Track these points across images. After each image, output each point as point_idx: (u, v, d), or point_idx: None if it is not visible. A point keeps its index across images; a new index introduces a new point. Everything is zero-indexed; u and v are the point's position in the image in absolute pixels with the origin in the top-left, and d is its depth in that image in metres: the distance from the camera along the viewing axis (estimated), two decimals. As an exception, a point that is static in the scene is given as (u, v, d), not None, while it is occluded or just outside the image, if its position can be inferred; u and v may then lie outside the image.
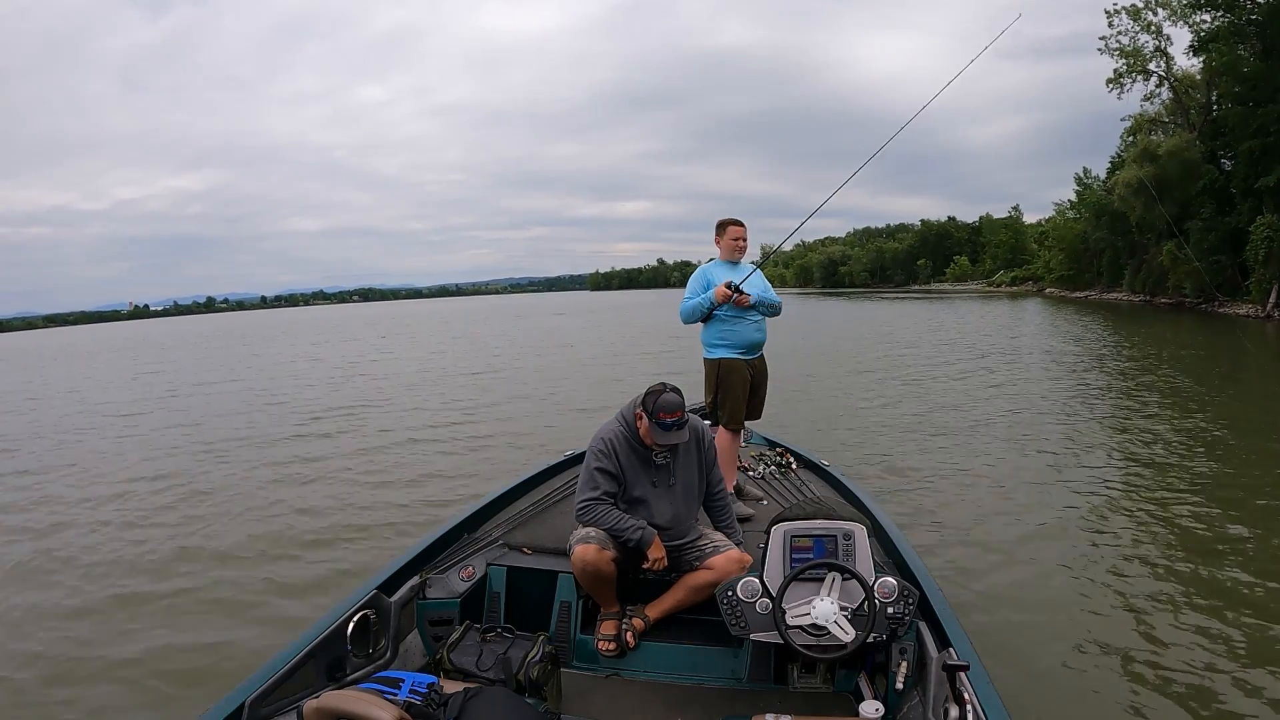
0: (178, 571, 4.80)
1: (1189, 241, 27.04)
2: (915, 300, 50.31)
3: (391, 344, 28.71)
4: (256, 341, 36.66)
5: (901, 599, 2.18)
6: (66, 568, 5.01)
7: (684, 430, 2.61)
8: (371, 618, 2.31)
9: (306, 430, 10.03)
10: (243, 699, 1.82)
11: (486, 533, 3.02)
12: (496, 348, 23.94)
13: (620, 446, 2.65)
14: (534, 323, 40.50)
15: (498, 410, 11.01)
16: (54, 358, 35.26)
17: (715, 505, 2.86)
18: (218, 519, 5.94)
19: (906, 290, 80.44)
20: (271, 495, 6.62)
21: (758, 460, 4.14)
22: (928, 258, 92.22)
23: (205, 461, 8.27)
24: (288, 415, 11.46)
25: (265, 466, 7.86)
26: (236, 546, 5.23)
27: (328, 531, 5.46)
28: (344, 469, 7.53)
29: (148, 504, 6.54)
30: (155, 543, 5.42)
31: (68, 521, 6.11)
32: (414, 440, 8.90)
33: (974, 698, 1.71)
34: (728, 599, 2.27)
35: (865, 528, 2.31)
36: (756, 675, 2.45)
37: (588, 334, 28.82)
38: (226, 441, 9.42)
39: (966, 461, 6.76)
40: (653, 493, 2.68)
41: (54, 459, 9.00)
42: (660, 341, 21.43)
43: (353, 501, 6.25)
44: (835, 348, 18.73)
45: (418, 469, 7.39)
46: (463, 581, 2.68)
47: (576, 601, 2.67)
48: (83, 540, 5.58)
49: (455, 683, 2.06)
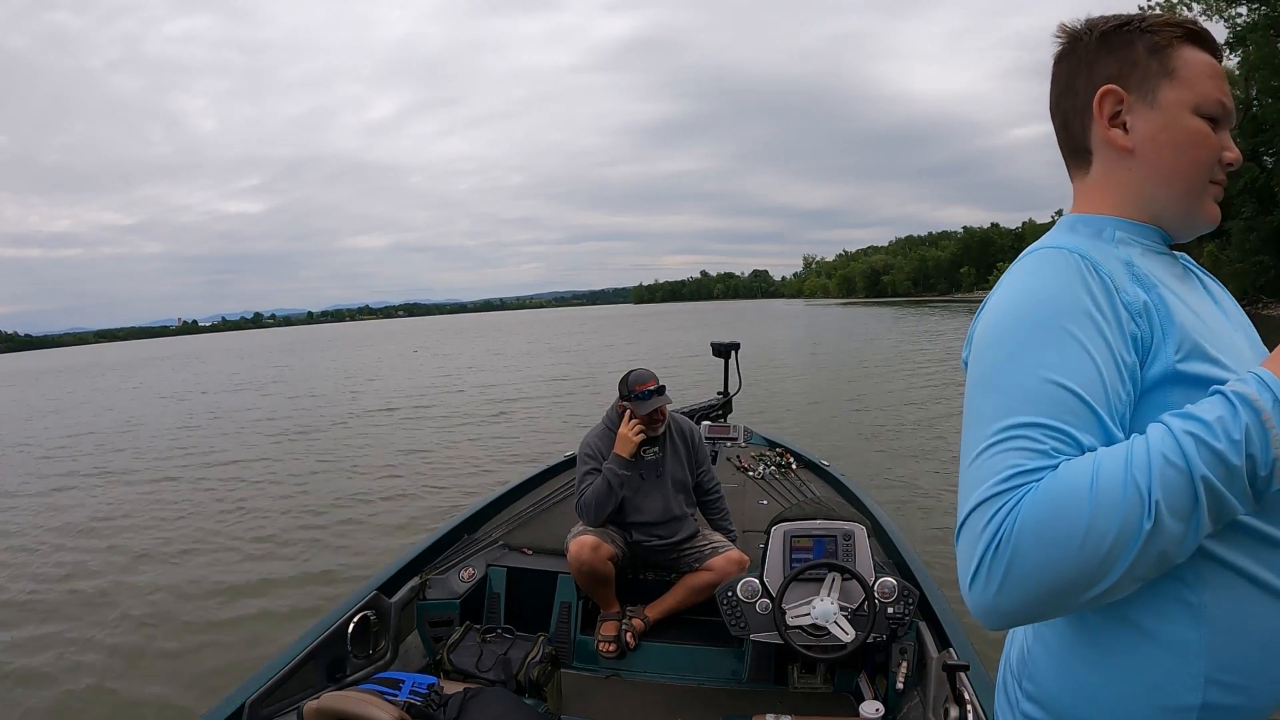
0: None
1: (1231, 242, 26.61)
2: (960, 314, 46.06)
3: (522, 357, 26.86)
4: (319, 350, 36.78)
5: (901, 599, 2.18)
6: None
7: (664, 395, 2.69)
8: (371, 618, 2.31)
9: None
10: (243, 700, 1.81)
11: (486, 533, 3.02)
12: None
13: (606, 447, 2.70)
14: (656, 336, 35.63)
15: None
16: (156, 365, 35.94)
17: (709, 502, 2.88)
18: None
19: (950, 298, 79.87)
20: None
21: (758, 460, 4.14)
22: (971, 265, 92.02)
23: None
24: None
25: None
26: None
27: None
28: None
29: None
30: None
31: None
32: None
33: (974, 698, 1.71)
34: (727, 599, 2.27)
35: (865, 528, 2.30)
36: (756, 675, 2.45)
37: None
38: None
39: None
40: (642, 486, 2.72)
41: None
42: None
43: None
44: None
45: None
46: (463, 582, 2.68)
47: (576, 602, 2.67)
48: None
49: (455, 683, 2.06)
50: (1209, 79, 0.76)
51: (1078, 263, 0.70)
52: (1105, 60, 0.78)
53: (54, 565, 5.32)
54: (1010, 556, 0.61)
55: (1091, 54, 0.79)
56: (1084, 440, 0.64)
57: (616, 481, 2.63)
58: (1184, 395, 0.67)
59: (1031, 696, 0.77)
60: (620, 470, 2.64)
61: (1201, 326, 0.72)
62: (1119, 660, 0.70)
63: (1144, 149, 0.77)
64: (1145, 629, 0.69)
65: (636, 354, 22.34)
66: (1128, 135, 0.77)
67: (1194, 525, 0.60)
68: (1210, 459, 0.59)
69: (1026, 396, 0.66)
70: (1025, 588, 0.61)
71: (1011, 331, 0.70)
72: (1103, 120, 0.78)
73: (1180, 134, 0.76)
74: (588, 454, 2.73)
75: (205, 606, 4.33)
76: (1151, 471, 0.59)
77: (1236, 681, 0.68)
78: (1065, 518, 0.60)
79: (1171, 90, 0.75)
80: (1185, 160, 0.76)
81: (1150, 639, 0.69)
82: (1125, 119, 0.77)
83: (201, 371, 28.16)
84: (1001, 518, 0.62)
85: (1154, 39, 0.76)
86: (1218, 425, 0.60)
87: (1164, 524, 0.59)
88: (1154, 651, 0.69)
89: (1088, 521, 0.59)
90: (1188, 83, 0.75)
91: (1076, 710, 0.73)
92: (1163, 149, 0.76)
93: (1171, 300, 0.72)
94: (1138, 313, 0.70)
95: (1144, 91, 0.76)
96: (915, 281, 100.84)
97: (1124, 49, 0.77)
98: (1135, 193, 0.79)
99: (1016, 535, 0.61)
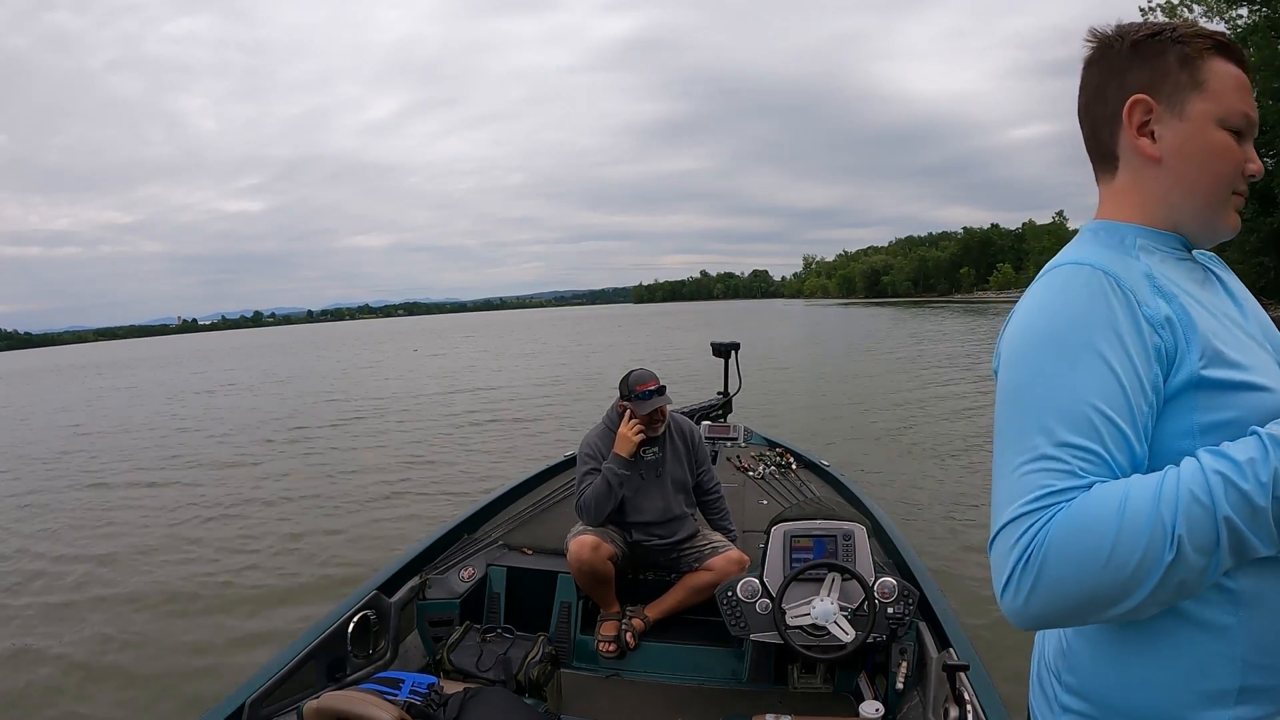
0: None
1: (1231, 243, 26.69)
2: (958, 315, 46.38)
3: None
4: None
5: (901, 599, 2.18)
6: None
7: (665, 395, 2.70)
8: (371, 618, 2.31)
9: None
10: (243, 699, 1.81)
11: (486, 533, 3.02)
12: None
13: (606, 446, 2.70)
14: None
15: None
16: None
17: (708, 502, 2.88)
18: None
19: (950, 299, 79.85)
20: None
21: (758, 460, 4.14)
22: (970, 266, 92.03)
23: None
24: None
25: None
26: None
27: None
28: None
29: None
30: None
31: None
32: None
33: (974, 698, 1.71)
34: (727, 599, 2.27)
35: (865, 528, 2.31)
36: (756, 675, 2.45)
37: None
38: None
39: (969, 461, 6.77)
40: (642, 485, 2.72)
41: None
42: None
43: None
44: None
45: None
46: (463, 582, 2.68)
47: (576, 602, 2.67)
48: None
49: (455, 683, 2.06)
50: (1236, 92, 0.77)
51: (1101, 280, 0.73)
52: (1137, 69, 0.79)
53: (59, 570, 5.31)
54: (1038, 572, 0.65)
55: (1123, 62, 0.80)
56: (1110, 458, 0.68)
57: (616, 481, 2.63)
58: (1207, 399, 0.71)
59: (1072, 689, 0.80)
60: (620, 470, 2.64)
61: (1222, 331, 0.74)
62: (1162, 646, 0.73)
63: (1171, 159, 0.79)
64: (1186, 614, 0.72)
65: (637, 354, 22.33)
66: (1155, 145, 0.79)
67: (1214, 561, 0.63)
68: (1236, 500, 0.62)
69: (1055, 415, 0.69)
70: (1051, 601, 0.66)
71: (1037, 349, 0.73)
72: (1132, 129, 0.80)
73: (1206, 146, 0.77)
74: (588, 454, 2.73)
75: (204, 608, 4.33)
76: (1178, 506, 0.62)
77: (1272, 663, 0.71)
78: (1092, 541, 0.64)
79: (1200, 102, 0.77)
80: (1210, 172, 0.78)
81: (1191, 624, 0.72)
82: (1153, 128, 0.79)
83: (202, 370, 28.14)
84: (1032, 535, 0.66)
85: (1185, 50, 0.78)
86: (1248, 467, 0.62)
87: (1185, 557, 0.62)
88: (1194, 635, 0.72)
89: (1111, 547, 0.63)
90: (1215, 95, 0.77)
91: (1119, 698, 0.76)
92: (1189, 160, 0.78)
93: (1193, 308, 0.74)
94: (1160, 325, 0.72)
95: (1173, 103, 0.78)
96: (915, 282, 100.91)
97: (1155, 59, 0.78)
98: (1160, 201, 0.81)
99: (1045, 553, 0.65)
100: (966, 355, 17.23)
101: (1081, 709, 0.78)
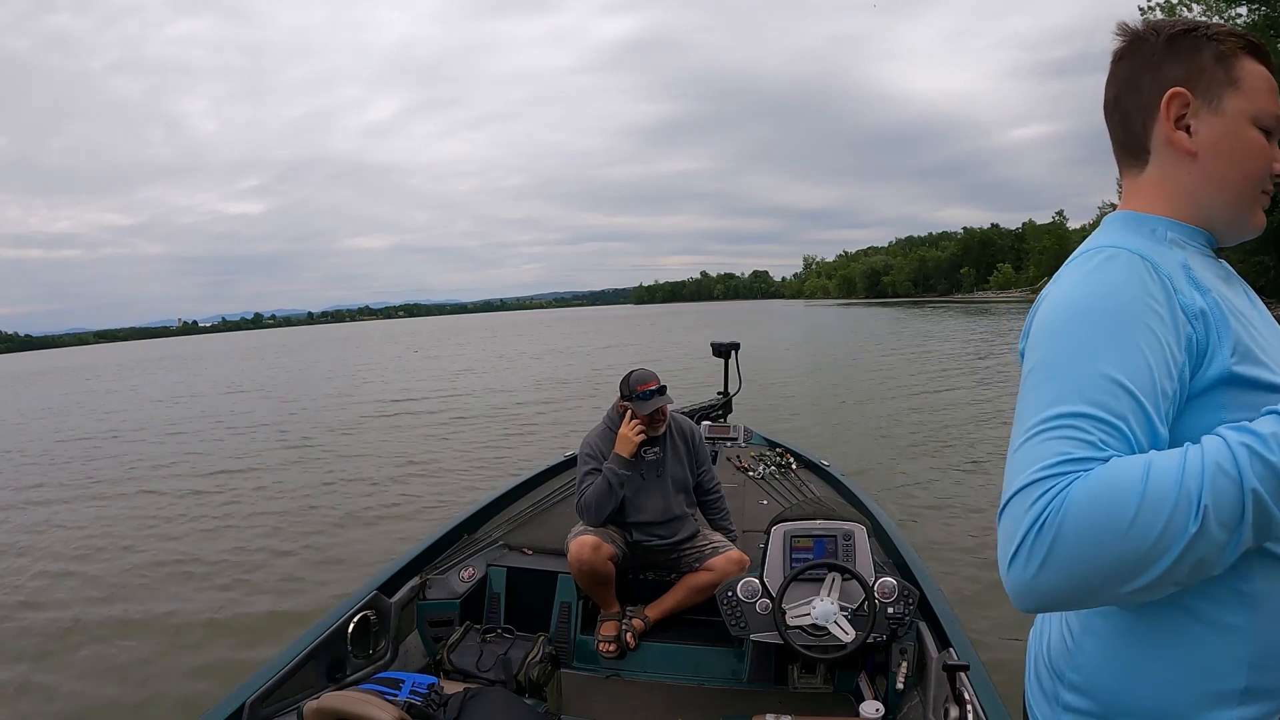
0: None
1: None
2: (958, 315, 45.25)
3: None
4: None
5: (901, 599, 2.18)
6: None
7: (665, 395, 2.69)
8: (371, 618, 2.31)
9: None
10: (243, 699, 1.81)
11: (486, 533, 3.02)
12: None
13: (607, 446, 2.70)
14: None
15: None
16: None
17: (709, 502, 2.88)
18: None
19: (950, 299, 79.85)
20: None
21: (758, 460, 4.14)
22: (971, 266, 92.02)
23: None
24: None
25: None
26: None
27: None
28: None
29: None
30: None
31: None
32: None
33: (974, 698, 1.71)
34: (728, 599, 2.27)
35: (865, 528, 2.30)
36: (756, 675, 2.44)
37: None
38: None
39: (969, 461, 6.77)
40: (642, 485, 2.72)
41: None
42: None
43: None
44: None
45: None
46: (463, 582, 2.68)
47: (577, 602, 2.67)
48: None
49: (455, 683, 2.06)
50: (1267, 92, 0.78)
51: (1139, 264, 0.72)
52: (1172, 63, 0.79)
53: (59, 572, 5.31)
54: (1054, 538, 0.62)
55: (1159, 56, 0.80)
56: (1132, 435, 0.66)
57: (617, 481, 2.63)
58: (1236, 396, 0.70)
59: (1076, 687, 0.79)
60: (620, 470, 2.64)
61: (1251, 330, 0.74)
62: (1171, 644, 0.72)
63: (1206, 154, 0.79)
64: (1197, 613, 0.71)
65: (636, 354, 22.33)
66: (1191, 139, 0.79)
67: (1237, 537, 0.61)
68: (1264, 472, 0.60)
69: (1081, 387, 0.68)
70: (1064, 570, 0.62)
71: (1072, 324, 0.72)
72: (1168, 122, 0.79)
73: (1240, 143, 0.78)
74: (588, 454, 2.73)
75: (205, 606, 4.33)
76: (1204, 476, 0.60)
77: (1277, 665, 0.70)
78: (1113, 508, 0.60)
79: (1235, 99, 0.77)
80: (1242, 169, 0.78)
81: (1202, 623, 0.71)
82: (1189, 122, 0.79)
83: (199, 372, 28.13)
84: (1048, 500, 0.63)
85: (1219, 47, 0.78)
86: (1273, 440, 0.61)
87: (1209, 530, 0.60)
88: (1204, 635, 0.71)
89: (1135, 514, 0.60)
90: (1250, 94, 0.77)
91: (1125, 696, 0.75)
92: (1223, 156, 0.78)
93: (1225, 304, 0.74)
94: (1194, 315, 0.71)
95: (1210, 98, 0.78)
96: (915, 282, 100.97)
97: (1191, 54, 0.78)
98: (1190, 196, 0.81)
99: (1062, 518, 0.62)
100: (967, 355, 17.23)
101: (1086, 707, 0.77)
